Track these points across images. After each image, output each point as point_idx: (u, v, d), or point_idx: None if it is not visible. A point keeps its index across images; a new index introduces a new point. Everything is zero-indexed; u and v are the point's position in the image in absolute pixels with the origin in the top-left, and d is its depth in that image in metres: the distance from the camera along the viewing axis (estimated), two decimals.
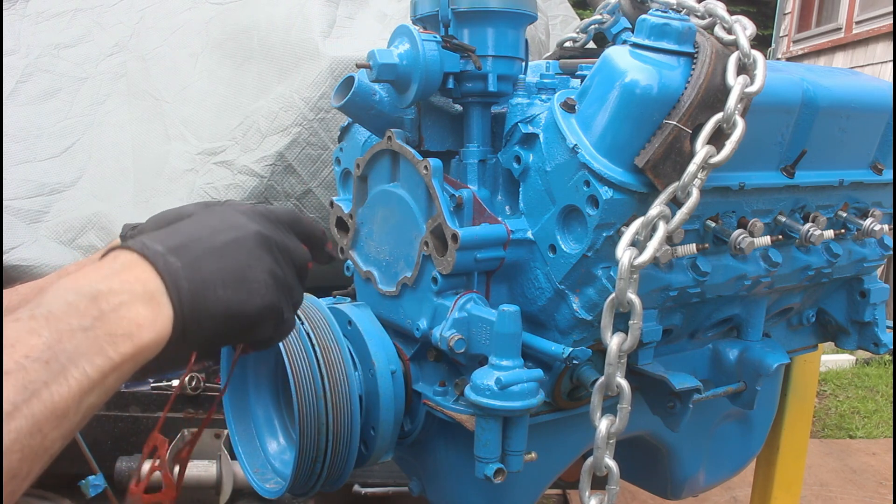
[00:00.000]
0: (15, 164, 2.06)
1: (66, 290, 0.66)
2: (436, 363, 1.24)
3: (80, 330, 0.64)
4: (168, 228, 0.79)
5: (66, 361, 0.62)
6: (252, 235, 0.81)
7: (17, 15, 2.32)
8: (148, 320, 0.69)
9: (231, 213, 0.83)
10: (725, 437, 1.63)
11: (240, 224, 0.81)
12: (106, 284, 0.68)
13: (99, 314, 0.66)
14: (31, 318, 0.63)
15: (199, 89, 2.13)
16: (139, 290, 0.69)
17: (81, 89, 2.22)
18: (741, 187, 1.17)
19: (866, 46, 7.46)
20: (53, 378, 0.61)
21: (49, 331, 0.62)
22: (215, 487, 1.97)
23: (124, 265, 0.71)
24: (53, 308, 0.64)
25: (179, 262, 0.73)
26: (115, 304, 0.67)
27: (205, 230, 0.78)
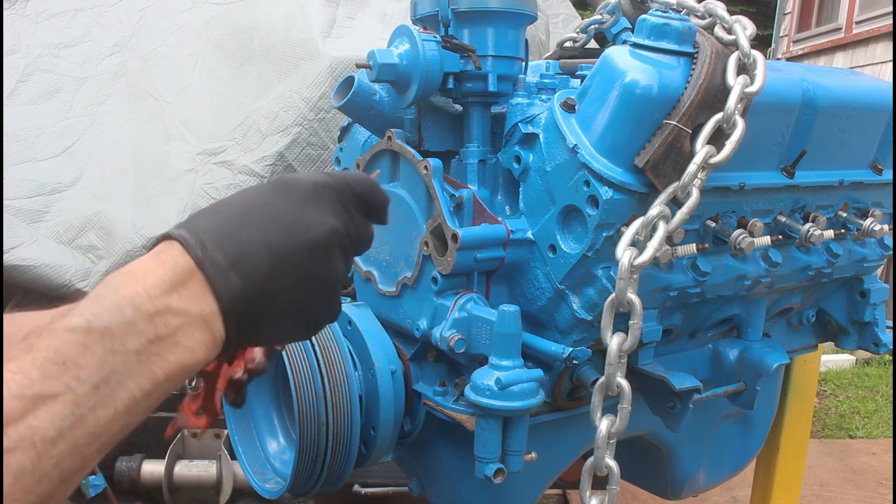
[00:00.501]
0: (15, 164, 2.06)
1: (126, 301, 0.63)
2: (436, 363, 1.24)
3: (134, 352, 0.62)
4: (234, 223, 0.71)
5: (115, 385, 0.61)
6: (324, 237, 0.73)
7: (17, 15, 2.32)
8: (201, 345, 0.67)
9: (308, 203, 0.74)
10: (725, 437, 1.63)
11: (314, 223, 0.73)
12: (164, 301, 0.65)
13: (155, 337, 0.64)
14: (86, 331, 0.60)
15: (200, 89, 2.13)
16: (195, 313, 0.66)
17: (81, 89, 2.22)
18: (741, 187, 1.17)
19: (866, 46, 7.46)
20: (101, 402, 0.59)
21: (103, 349, 0.60)
22: (215, 487, 1.97)
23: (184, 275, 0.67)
24: (111, 323, 0.62)
25: (241, 281, 0.68)
26: (172, 327, 0.65)
27: (275, 231, 0.71)
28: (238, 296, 0.68)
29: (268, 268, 0.69)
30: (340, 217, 0.76)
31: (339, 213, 0.76)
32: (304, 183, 0.75)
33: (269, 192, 0.74)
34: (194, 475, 1.97)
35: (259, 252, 0.69)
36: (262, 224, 0.71)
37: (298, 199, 0.73)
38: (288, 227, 0.71)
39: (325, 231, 0.73)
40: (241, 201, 0.73)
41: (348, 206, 0.77)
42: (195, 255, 0.67)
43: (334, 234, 0.74)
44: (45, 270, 1.89)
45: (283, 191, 0.74)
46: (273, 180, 0.76)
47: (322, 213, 0.74)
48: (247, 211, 0.72)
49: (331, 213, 0.75)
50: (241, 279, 0.68)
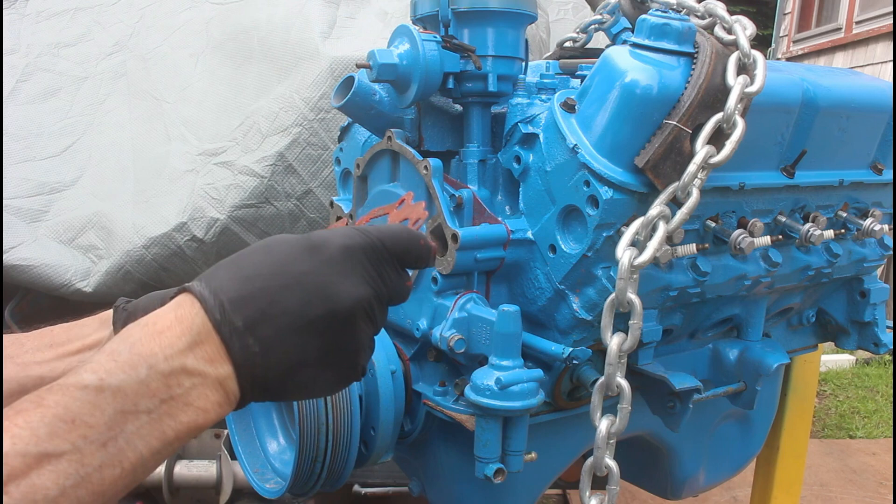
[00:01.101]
0: (15, 163, 2.06)
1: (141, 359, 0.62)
2: (436, 363, 1.24)
3: (145, 412, 0.62)
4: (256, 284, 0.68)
5: (123, 444, 0.60)
6: (349, 309, 0.70)
7: (17, 14, 2.32)
8: (214, 406, 0.66)
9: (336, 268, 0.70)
10: (725, 437, 1.63)
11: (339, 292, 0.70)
12: (180, 361, 0.64)
13: (168, 397, 0.63)
14: (98, 389, 0.60)
15: (200, 89, 2.13)
16: (211, 375, 0.65)
17: (81, 89, 2.22)
18: (741, 187, 1.17)
19: (866, 46, 7.46)
20: (108, 461, 0.59)
21: (114, 409, 0.60)
22: (215, 487, 1.97)
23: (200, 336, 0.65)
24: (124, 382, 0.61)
25: (258, 345, 0.66)
26: (186, 387, 0.64)
27: (299, 297, 0.68)
28: (255, 361, 0.67)
29: (287, 335, 0.68)
30: (370, 282, 0.73)
31: (369, 277, 0.73)
32: (332, 246, 0.71)
33: (296, 251, 0.71)
34: (194, 475, 1.97)
35: (279, 318, 0.67)
36: (285, 289, 0.68)
37: (325, 263, 0.70)
38: (312, 295, 0.69)
39: (351, 302, 0.70)
40: (265, 259, 0.70)
41: (380, 268, 0.74)
42: (213, 317, 0.66)
43: (360, 304, 0.71)
44: (45, 270, 1.89)
45: (311, 252, 0.70)
46: (302, 238, 0.72)
47: (349, 280, 0.71)
48: (271, 272, 0.69)
49: (359, 279, 0.72)
50: (258, 344, 0.66)
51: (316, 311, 0.68)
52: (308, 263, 0.70)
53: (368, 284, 0.72)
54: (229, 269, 0.69)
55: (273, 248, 0.71)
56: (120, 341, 0.64)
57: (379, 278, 0.74)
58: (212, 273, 0.70)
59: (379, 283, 0.74)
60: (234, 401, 0.68)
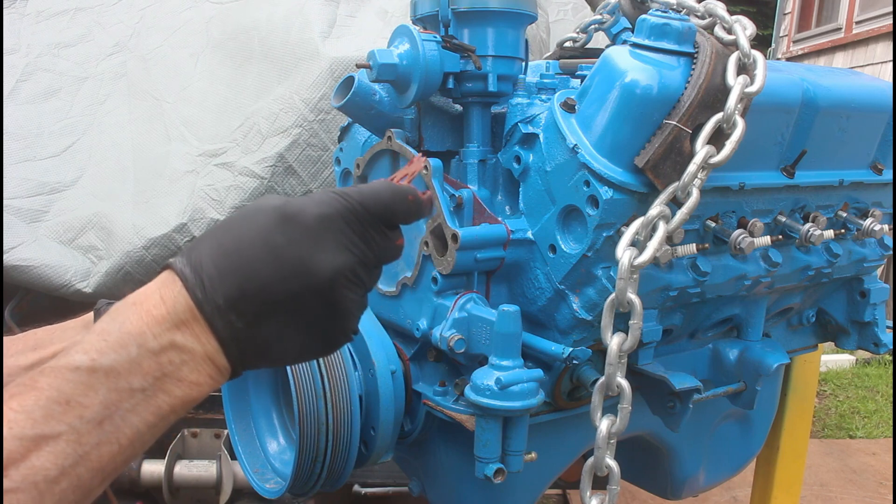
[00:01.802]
0: (15, 163, 2.06)
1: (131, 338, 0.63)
2: (436, 363, 1.24)
3: (139, 390, 0.63)
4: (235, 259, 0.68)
5: (119, 422, 0.61)
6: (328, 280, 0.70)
7: (17, 14, 2.32)
8: (206, 378, 0.67)
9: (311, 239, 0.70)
10: (725, 437, 1.63)
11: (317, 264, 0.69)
12: (169, 338, 0.65)
13: (160, 374, 0.64)
14: (90, 370, 0.61)
15: (200, 89, 2.13)
16: (199, 351, 0.67)
17: (82, 89, 2.22)
18: (741, 187, 1.17)
19: (866, 46, 7.46)
20: (105, 439, 0.60)
21: (107, 388, 0.61)
22: (215, 487, 1.97)
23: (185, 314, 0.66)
24: (116, 361, 0.62)
25: (241, 321, 0.67)
26: (177, 363, 0.65)
27: (275, 269, 0.68)
28: (239, 336, 0.68)
29: (269, 309, 0.68)
30: (350, 249, 0.72)
31: (349, 243, 0.72)
32: (308, 215, 0.70)
33: (272, 223, 0.70)
34: (194, 475, 1.97)
35: (259, 294, 0.67)
36: (263, 263, 0.68)
37: (301, 234, 0.70)
38: (288, 269, 0.68)
39: (330, 273, 0.70)
40: (244, 231, 0.69)
41: (363, 232, 0.73)
42: (194, 296, 0.66)
43: (340, 273, 0.70)
44: (45, 270, 1.89)
45: (286, 223, 0.70)
46: (278, 207, 0.71)
47: (326, 250, 0.70)
48: (249, 245, 0.68)
49: (337, 248, 0.71)
50: (241, 320, 0.67)
51: (294, 285, 0.68)
52: (284, 235, 0.69)
53: (349, 251, 0.71)
54: (210, 243, 0.69)
55: (251, 218, 0.71)
56: (109, 321, 0.65)
57: (362, 243, 0.73)
58: (194, 246, 0.70)
59: (362, 248, 0.73)
60: (226, 372, 0.69)
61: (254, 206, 0.72)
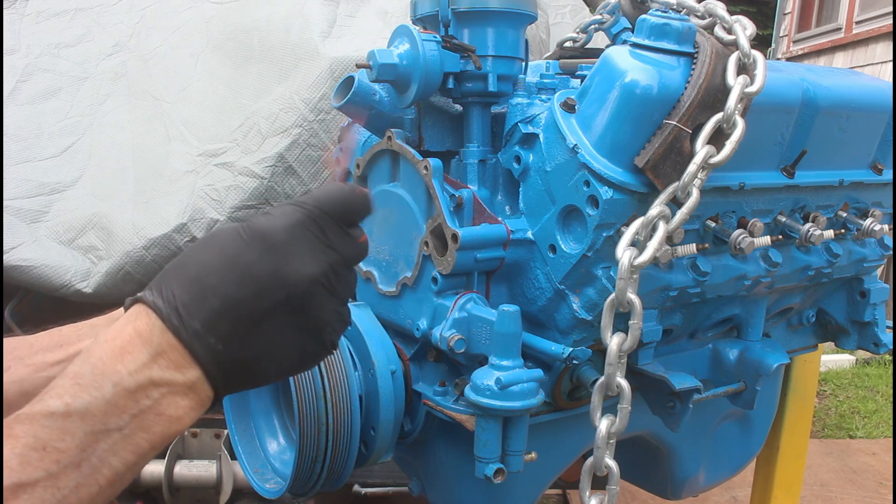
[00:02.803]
0: (15, 164, 2.06)
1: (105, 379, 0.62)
2: (436, 363, 1.24)
3: (116, 430, 0.62)
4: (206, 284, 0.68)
5: (97, 463, 0.60)
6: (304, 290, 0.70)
7: (17, 14, 2.32)
8: (186, 410, 0.66)
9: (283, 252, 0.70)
10: (725, 437, 1.63)
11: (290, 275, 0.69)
12: (146, 374, 0.64)
13: (137, 411, 0.63)
14: (65, 415, 0.60)
15: (200, 90, 2.13)
16: (179, 381, 0.66)
17: (81, 89, 2.22)
18: (741, 187, 1.17)
19: (866, 46, 7.46)
20: (84, 481, 0.59)
21: (83, 431, 0.60)
22: (215, 487, 1.97)
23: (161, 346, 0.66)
24: (90, 404, 0.61)
25: (221, 343, 0.67)
26: (155, 398, 0.64)
27: (248, 287, 0.68)
28: (220, 358, 0.67)
29: (246, 328, 0.68)
30: (321, 257, 0.72)
31: (319, 252, 0.72)
32: (276, 231, 0.71)
33: (241, 243, 0.70)
34: (194, 475, 1.97)
35: (235, 313, 0.67)
36: (237, 283, 0.68)
37: (271, 250, 0.70)
38: (263, 284, 0.68)
39: (306, 281, 0.70)
40: (211, 257, 0.69)
41: (328, 237, 0.73)
42: (171, 325, 0.66)
43: (315, 281, 0.71)
44: (45, 271, 1.89)
45: (255, 241, 0.70)
46: (245, 227, 0.71)
47: (298, 260, 0.70)
48: (219, 268, 0.68)
49: (308, 256, 0.71)
50: (220, 342, 0.67)
51: (271, 299, 0.68)
52: (254, 253, 0.69)
53: (319, 258, 0.72)
54: (178, 274, 0.69)
55: (216, 243, 0.71)
56: (81, 363, 0.64)
57: (329, 248, 0.73)
58: (161, 280, 0.69)
59: (330, 253, 0.73)
60: (207, 401, 0.68)
61: (216, 234, 0.72)
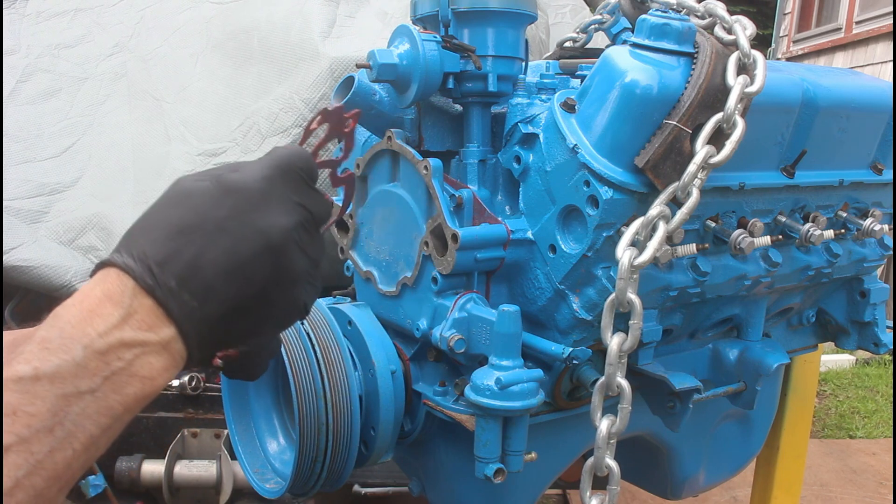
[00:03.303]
0: (15, 164, 2.06)
1: (74, 342, 0.61)
2: (436, 363, 1.24)
3: (88, 392, 0.60)
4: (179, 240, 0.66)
5: (71, 427, 0.59)
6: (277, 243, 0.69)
7: (17, 15, 2.32)
8: (160, 370, 0.65)
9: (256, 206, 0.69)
10: (725, 437, 1.63)
11: (264, 228, 0.69)
12: (117, 336, 0.62)
13: (109, 373, 0.62)
14: (33, 379, 0.58)
15: (200, 90, 2.13)
16: (153, 341, 0.64)
17: (81, 89, 2.22)
18: (741, 187, 1.17)
19: (866, 46, 7.47)
20: (58, 446, 0.58)
21: (54, 394, 0.59)
22: (215, 487, 1.96)
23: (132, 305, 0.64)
24: (60, 367, 0.59)
25: (196, 300, 0.65)
26: (127, 359, 0.63)
27: (222, 241, 0.67)
28: (195, 315, 0.66)
29: (221, 283, 0.67)
30: (293, 212, 0.72)
31: (292, 207, 0.72)
32: (250, 184, 0.70)
33: (213, 197, 0.69)
34: (194, 475, 1.97)
35: (210, 268, 0.66)
36: (210, 237, 0.67)
37: (245, 203, 0.69)
38: (237, 238, 0.68)
39: (280, 233, 0.70)
40: (183, 212, 0.68)
41: (299, 192, 0.73)
42: (144, 283, 0.64)
43: (289, 234, 0.70)
44: (45, 271, 1.89)
45: (228, 195, 0.69)
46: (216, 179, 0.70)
47: (272, 214, 0.70)
48: (192, 224, 0.67)
49: (281, 210, 0.71)
50: (194, 298, 0.66)
51: (245, 252, 0.68)
52: (227, 207, 0.68)
53: (291, 212, 0.71)
54: (147, 233, 0.68)
55: (186, 200, 0.69)
56: (49, 327, 0.63)
57: (299, 204, 0.73)
58: (128, 241, 0.68)
59: (300, 209, 0.73)
60: (181, 361, 0.67)
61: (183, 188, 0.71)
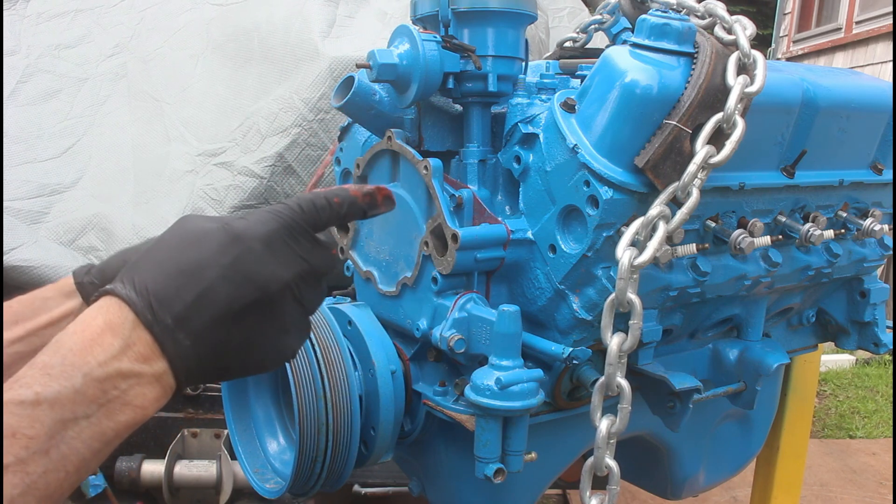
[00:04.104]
0: (15, 165, 2.07)
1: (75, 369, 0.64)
2: (436, 363, 1.24)
3: (83, 418, 0.64)
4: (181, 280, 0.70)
5: (65, 450, 0.63)
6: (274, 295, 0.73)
7: (17, 15, 2.32)
8: (151, 401, 0.69)
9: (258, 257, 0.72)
10: (725, 437, 1.63)
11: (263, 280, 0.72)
12: (115, 366, 0.66)
13: (105, 400, 0.65)
14: (34, 403, 0.62)
15: (200, 90, 2.14)
16: (147, 373, 0.68)
17: (82, 90, 2.22)
18: (741, 187, 1.17)
19: (866, 46, 7.47)
20: (52, 467, 0.62)
21: (52, 419, 0.62)
22: (215, 487, 1.97)
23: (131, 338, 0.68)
24: (60, 393, 0.63)
25: (189, 339, 0.69)
26: (122, 388, 0.67)
27: (223, 289, 0.70)
28: (187, 353, 0.70)
29: (215, 326, 0.70)
30: (293, 265, 0.75)
31: (291, 259, 0.75)
32: (254, 234, 0.73)
33: (219, 243, 0.72)
34: (194, 475, 1.97)
35: (207, 311, 0.70)
36: (212, 282, 0.70)
37: (248, 252, 0.72)
38: (238, 286, 0.71)
39: (278, 286, 0.73)
40: (189, 253, 0.71)
41: (300, 246, 0.76)
42: (144, 318, 0.68)
43: (286, 287, 0.74)
44: (45, 271, 1.89)
45: (233, 243, 0.72)
46: (222, 227, 0.73)
47: (272, 265, 0.73)
48: (196, 266, 0.70)
49: (281, 264, 0.74)
50: (188, 338, 0.69)
51: (243, 301, 0.71)
52: (231, 255, 0.72)
53: (291, 265, 0.75)
54: (153, 267, 0.71)
55: (194, 239, 0.73)
56: (51, 353, 0.66)
57: (300, 257, 0.76)
58: (133, 272, 0.71)
59: (301, 262, 0.76)
60: (171, 392, 0.71)
61: (192, 227, 0.74)
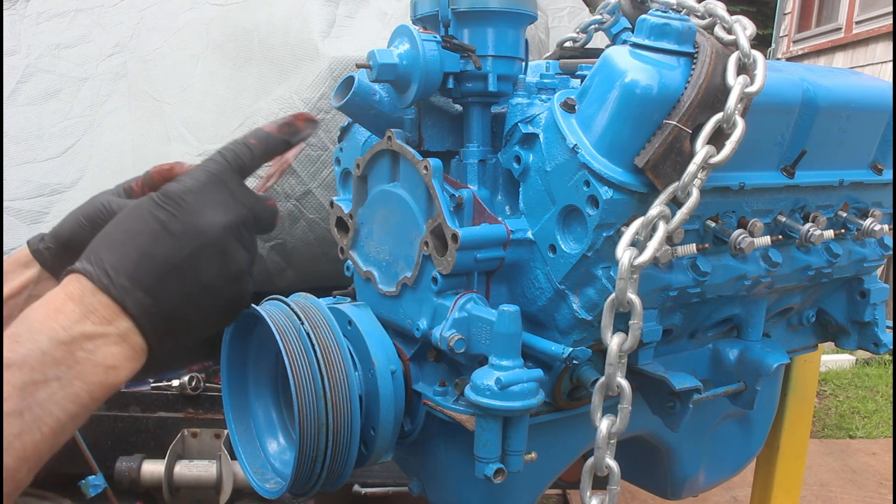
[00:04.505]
0: (15, 165, 2.07)
1: (40, 334, 0.68)
2: (436, 363, 1.24)
3: (54, 379, 0.66)
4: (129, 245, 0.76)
5: (39, 412, 0.65)
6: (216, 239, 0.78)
7: (17, 15, 2.32)
8: (121, 360, 0.72)
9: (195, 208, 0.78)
10: (725, 437, 1.63)
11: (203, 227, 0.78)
12: (79, 329, 0.70)
13: (74, 362, 0.68)
14: (5, 366, 0.64)
15: (200, 90, 2.13)
16: (112, 332, 0.72)
17: (82, 90, 2.22)
18: (741, 187, 1.17)
19: (866, 46, 7.47)
20: (27, 429, 0.63)
21: (22, 381, 0.64)
22: (215, 487, 1.97)
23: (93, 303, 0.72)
24: (27, 356, 0.66)
25: (148, 296, 0.74)
26: (89, 349, 0.70)
27: (166, 244, 0.76)
28: (149, 310, 0.74)
29: (169, 278, 0.75)
30: (232, 209, 0.80)
31: (230, 205, 0.80)
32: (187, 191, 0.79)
33: (156, 207, 0.78)
34: (194, 475, 1.97)
35: (158, 266, 0.75)
36: (155, 239, 0.76)
37: (183, 207, 0.78)
38: (179, 237, 0.76)
39: (217, 230, 0.78)
40: (132, 223, 0.77)
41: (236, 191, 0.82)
42: (100, 283, 0.73)
43: (228, 230, 0.79)
44: None
45: (168, 203, 0.78)
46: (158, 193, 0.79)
47: (210, 213, 0.78)
48: (139, 230, 0.76)
49: (220, 210, 0.79)
50: (148, 295, 0.74)
51: (188, 249, 0.76)
52: (167, 211, 0.78)
53: (230, 210, 0.80)
54: (103, 242, 0.77)
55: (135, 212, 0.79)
56: (19, 324, 0.69)
57: (236, 202, 0.81)
58: (88, 251, 0.77)
59: (238, 206, 0.81)
60: (141, 352, 0.74)
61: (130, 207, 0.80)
